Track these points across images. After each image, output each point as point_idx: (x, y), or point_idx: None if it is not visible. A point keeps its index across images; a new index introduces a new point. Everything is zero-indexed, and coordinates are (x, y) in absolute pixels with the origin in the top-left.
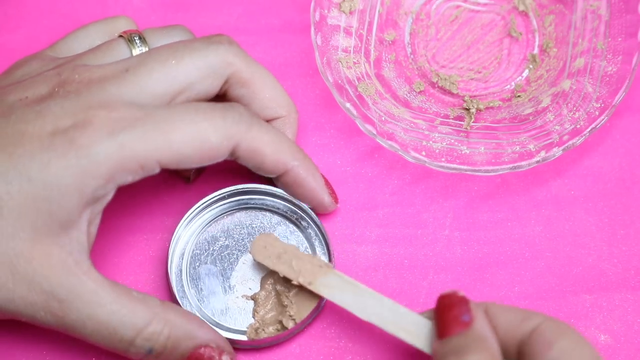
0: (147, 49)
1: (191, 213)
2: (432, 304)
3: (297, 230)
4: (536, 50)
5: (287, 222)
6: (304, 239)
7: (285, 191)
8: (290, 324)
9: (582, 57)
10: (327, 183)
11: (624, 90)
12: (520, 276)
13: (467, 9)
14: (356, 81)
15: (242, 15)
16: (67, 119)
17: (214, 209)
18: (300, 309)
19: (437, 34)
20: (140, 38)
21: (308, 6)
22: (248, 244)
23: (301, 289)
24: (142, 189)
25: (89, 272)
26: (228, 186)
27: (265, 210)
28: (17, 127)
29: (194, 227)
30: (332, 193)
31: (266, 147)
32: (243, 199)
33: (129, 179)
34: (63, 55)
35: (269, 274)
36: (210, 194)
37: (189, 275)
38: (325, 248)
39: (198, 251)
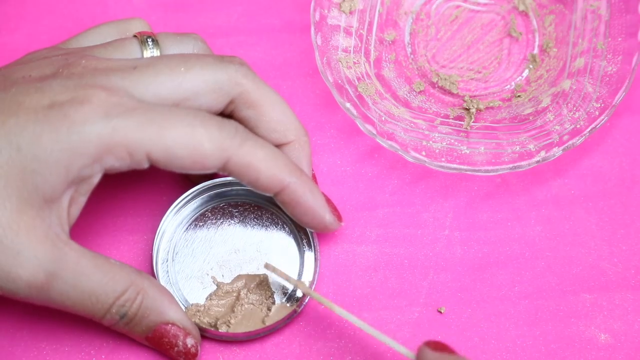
0: (158, 52)
1: (222, 181)
2: (432, 304)
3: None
4: (536, 50)
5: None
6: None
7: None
8: (222, 328)
9: (582, 57)
10: (328, 201)
11: (624, 90)
12: (520, 276)
13: (467, 9)
14: (356, 81)
15: (242, 15)
16: (66, 94)
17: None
18: (240, 324)
19: (437, 34)
20: (153, 40)
21: (308, 6)
22: (255, 244)
23: (255, 308)
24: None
25: (70, 243)
26: None
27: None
28: (15, 99)
29: (215, 192)
30: (335, 211)
31: (260, 163)
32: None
33: (116, 165)
34: None
35: (245, 276)
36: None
37: (189, 229)
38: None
39: (210, 214)
